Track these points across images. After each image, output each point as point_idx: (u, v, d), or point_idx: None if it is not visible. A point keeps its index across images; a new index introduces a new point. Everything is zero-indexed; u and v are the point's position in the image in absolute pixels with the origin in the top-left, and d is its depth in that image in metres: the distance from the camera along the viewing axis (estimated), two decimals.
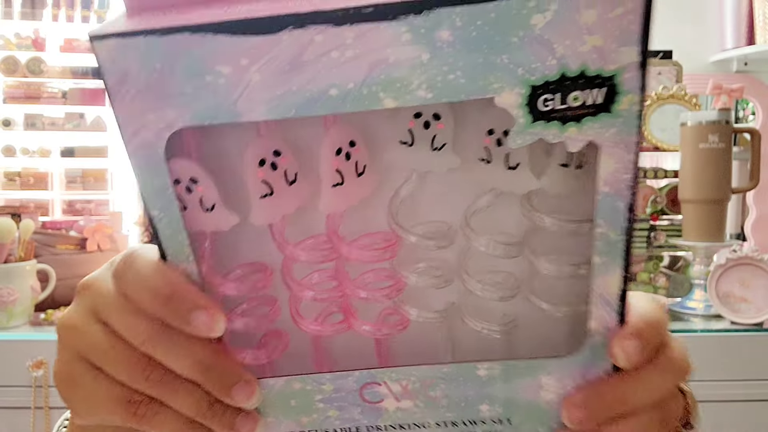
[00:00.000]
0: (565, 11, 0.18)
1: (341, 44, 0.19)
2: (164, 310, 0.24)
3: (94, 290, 0.27)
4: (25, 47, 1.79)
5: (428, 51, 0.19)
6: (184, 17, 0.19)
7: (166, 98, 0.20)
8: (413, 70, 0.19)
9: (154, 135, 0.21)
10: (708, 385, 1.24)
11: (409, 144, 0.23)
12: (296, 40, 0.19)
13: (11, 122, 1.80)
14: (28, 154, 1.81)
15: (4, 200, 1.79)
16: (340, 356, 0.28)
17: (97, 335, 0.25)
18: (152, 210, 0.23)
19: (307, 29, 0.18)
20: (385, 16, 0.18)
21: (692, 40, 1.98)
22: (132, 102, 0.20)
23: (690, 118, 1.34)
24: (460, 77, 0.19)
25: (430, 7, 0.18)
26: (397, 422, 0.27)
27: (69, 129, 1.82)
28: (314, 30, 0.18)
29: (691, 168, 1.34)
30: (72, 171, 1.84)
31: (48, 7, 1.80)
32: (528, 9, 0.18)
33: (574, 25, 0.18)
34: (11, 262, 1.29)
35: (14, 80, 1.78)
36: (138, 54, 0.19)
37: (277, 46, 0.19)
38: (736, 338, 1.25)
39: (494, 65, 0.19)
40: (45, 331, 1.28)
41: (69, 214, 1.83)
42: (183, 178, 0.24)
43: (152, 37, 0.19)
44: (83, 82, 1.83)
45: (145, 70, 0.20)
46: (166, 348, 0.24)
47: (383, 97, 0.19)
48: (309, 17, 0.18)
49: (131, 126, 0.21)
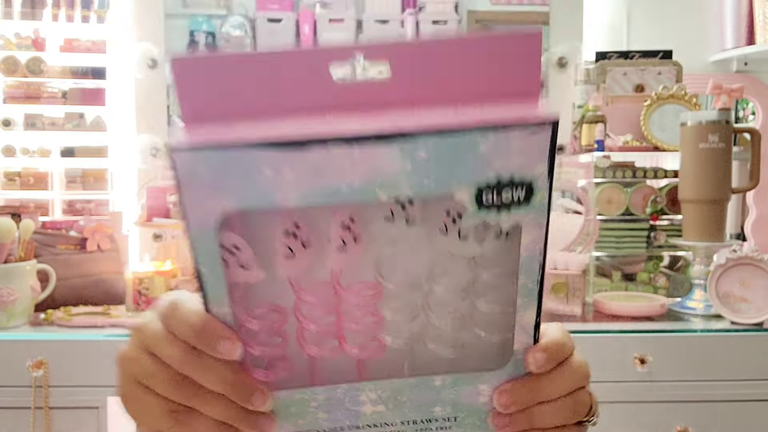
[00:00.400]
0: (500, 141, 0.27)
1: (351, 157, 0.27)
2: (197, 341, 0.33)
3: (144, 330, 0.35)
4: (25, 47, 1.79)
5: (411, 164, 0.28)
6: (236, 131, 0.28)
7: (223, 192, 0.28)
8: (400, 176, 0.28)
9: (211, 217, 0.29)
10: (708, 385, 1.24)
11: (391, 220, 0.33)
12: (320, 153, 0.27)
13: (11, 122, 1.80)
14: (28, 154, 1.81)
15: (4, 200, 1.79)
16: (330, 371, 0.37)
17: (147, 363, 0.34)
18: (201, 266, 0.31)
19: (328, 147, 0.27)
20: (383, 141, 0.27)
21: (692, 40, 1.99)
22: (197, 194, 0.28)
23: (690, 118, 1.34)
24: (432, 181, 0.28)
25: (414, 136, 0.27)
26: (373, 422, 0.37)
27: (69, 129, 1.83)
28: (333, 147, 0.27)
29: (691, 168, 1.34)
30: (72, 171, 1.84)
31: (48, 7, 1.81)
32: (476, 140, 0.27)
33: (507, 149, 0.28)
34: (11, 262, 1.29)
35: (14, 80, 1.78)
36: (206, 161, 0.28)
37: (306, 157, 0.27)
38: (736, 338, 1.25)
39: (454, 174, 0.28)
40: (45, 331, 1.28)
41: (69, 214, 1.84)
42: (227, 245, 0.32)
43: (217, 151, 0.27)
44: (83, 82, 1.83)
45: (210, 173, 0.28)
46: (198, 369, 0.33)
47: (379, 193, 0.28)
48: (330, 140, 0.27)
49: (194, 211, 0.29)
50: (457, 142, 0.27)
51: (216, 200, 0.29)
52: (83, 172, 1.84)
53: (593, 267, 1.50)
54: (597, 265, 1.54)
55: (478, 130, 0.27)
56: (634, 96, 1.65)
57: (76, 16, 1.82)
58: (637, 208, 1.51)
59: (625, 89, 1.67)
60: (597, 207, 1.48)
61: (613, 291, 1.49)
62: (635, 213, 1.51)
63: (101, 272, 1.46)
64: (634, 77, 1.67)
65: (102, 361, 1.22)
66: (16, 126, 1.80)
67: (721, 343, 1.24)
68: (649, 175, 1.52)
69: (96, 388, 1.22)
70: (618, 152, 1.53)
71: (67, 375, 1.22)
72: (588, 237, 1.45)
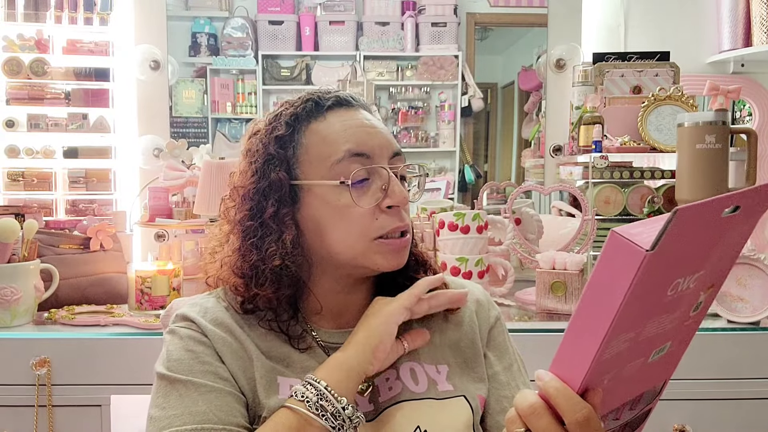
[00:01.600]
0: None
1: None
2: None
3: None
4: (28, 49, 1.81)
5: None
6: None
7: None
8: None
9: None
10: (705, 384, 1.26)
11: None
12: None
13: (15, 123, 1.81)
14: (31, 154, 1.83)
15: (8, 200, 1.81)
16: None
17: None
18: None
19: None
20: None
21: (689, 42, 2.00)
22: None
23: (687, 119, 1.35)
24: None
25: None
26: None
27: (72, 130, 1.84)
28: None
29: (688, 168, 1.35)
30: (75, 171, 1.85)
31: (51, 9, 1.82)
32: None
33: None
34: (15, 262, 1.30)
35: (18, 81, 1.80)
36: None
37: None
38: (733, 337, 1.26)
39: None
40: (48, 330, 1.29)
41: (72, 214, 1.85)
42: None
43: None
44: (86, 83, 1.84)
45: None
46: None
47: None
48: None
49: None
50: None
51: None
52: (86, 173, 1.86)
53: (591, 266, 1.52)
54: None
55: None
56: (632, 97, 1.66)
57: (79, 18, 1.84)
58: (635, 208, 1.52)
59: (623, 90, 1.69)
60: (595, 207, 1.49)
61: None
62: (633, 213, 1.52)
63: (104, 272, 1.48)
64: (632, 79, 1.68)
65: (105, 359, 1.23)
66: (19, 127, 1.82)
67: (718, 342, 1.25)
68: (647, 176, 1.54)
69: (99, 387, 1.23)
70: (615, 153, 1.54)
71: (70, 373, 1.23)
72: (586, 237, 1.47)
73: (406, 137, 2.09)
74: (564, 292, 1.35)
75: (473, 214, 1.39)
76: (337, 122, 0.72)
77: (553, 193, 1.81)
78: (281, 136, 0.72)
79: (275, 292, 0.70)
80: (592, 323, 0.45)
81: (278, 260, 0.69)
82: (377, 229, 0.70)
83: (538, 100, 2.06)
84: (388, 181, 0.70)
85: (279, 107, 0.76)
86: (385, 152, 0.72)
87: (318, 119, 0.73)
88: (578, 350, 0.47)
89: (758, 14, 1.88)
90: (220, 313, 0.72)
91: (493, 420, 0.76)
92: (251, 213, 0.72)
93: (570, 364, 0.48)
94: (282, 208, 0.71)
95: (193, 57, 2.00)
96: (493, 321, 0.81)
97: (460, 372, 0.76)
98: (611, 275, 0.43)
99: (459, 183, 2.07)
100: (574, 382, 0.48)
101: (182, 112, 2.00)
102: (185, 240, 1.62)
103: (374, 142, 0.71)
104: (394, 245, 0.71)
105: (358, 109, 0.75)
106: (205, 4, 2.00)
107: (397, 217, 0.71)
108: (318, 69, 2.04)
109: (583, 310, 0.46)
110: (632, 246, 0.41)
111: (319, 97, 0.74)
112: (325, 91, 0.75)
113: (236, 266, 0.72)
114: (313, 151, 0.71)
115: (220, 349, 0.69)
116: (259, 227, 0.71)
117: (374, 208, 0.70)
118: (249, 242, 0.71)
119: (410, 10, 2.03)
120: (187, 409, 0.64)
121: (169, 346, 0.70)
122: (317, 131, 0.72)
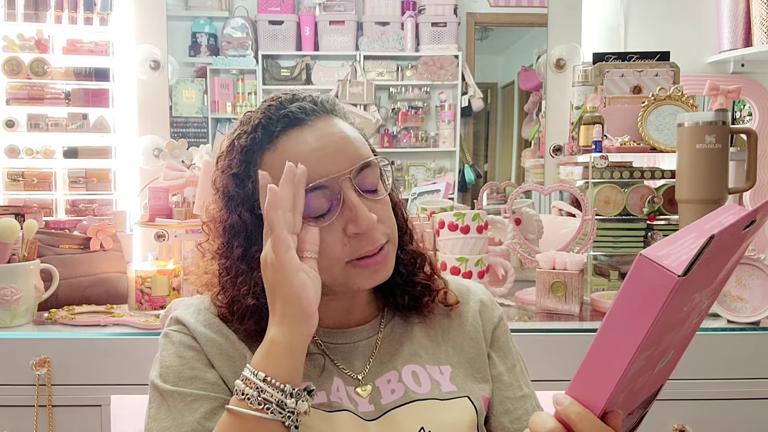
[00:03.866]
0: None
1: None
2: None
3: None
4: (28, 49, 1.80)
5: None
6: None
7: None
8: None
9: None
10: (705, 384, 1.26)
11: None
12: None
13: (15, 123, 1.81)
14: (31, 154, 1.83)
15: (8, 200, 1.81)
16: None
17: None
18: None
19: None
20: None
21: (689, 42, 2.00)
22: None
23: (687, 119, 1.35)
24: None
25: None
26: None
27: (72, 130, 1.84)
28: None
29: (688, 168, 1.35)
30: (75, 171, 1.85)
31: (51, 9, 1.82)
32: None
33: None
34: (15, 262, 1.30)
35: (18, 81, 1.80)
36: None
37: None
38: (733, 337, 1.26)
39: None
40: (48, 330, 1.29)
41: (72, 214, 1.85)
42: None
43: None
44: (86, 83, 1.84)
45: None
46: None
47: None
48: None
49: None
50: None
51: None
52: (86, 173, 1.86)
53: (591, 266, 1.52)
54: (595, 264, 1.55)
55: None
56: (632, 97, 1.66)
57: (79, 18, 1.83)
58: (635, 208, 1.52)
59: (623, 90, 1.69)
60: (595, 207, 1.49)
61: (611, 290, 1.50)
62: (633, 213, 1.52)
63: (104, 271, 1.48)
64: (632, 79, 1.68)
65: (105, 359, 1.23)
66: (19, 127, 1.82)
67: (717, 342, 1.25)
68: (647, 176, 1.54)
69: (99, 387, 1.23)
70: (615, 153, 1.54)
71: (70, 373, 1.23)
72: (586, 237, 1.46)
73: (406, 137, 2.09)
74: (564, 292, 1.35)
75: (473, 214, 1.39)
76: (288, 151, 0.66)
77: (554, 193, 1.81)
78: (237, 174, 0.69)
79: (257, 323, 0.68)
80: (617, 347, 0.45)
81: (252, 299, 0.68)
82: (349, 254, 0.67)
83: (538, 100, 2.06)
84: (350, 206, 0.65)
85: (237, 128, 0.71)
86: (345, 168, 0.66)
87: (270, 149, 0.67)
88: (601, 374, 0.46)
89: (758, 14, 1.88)
90: (212, 314, 0.72)
91: (496, 421, 0.76)
92: (222, 250, 0.71)
93: (591, 387, 0.48)
94: (251, 247, 0.68)
95: (193, 57, 2.00)
96: (497, 321, 0.81)
97: (463, 372, 0.76)
98: (641, 299, 0.42)
99: (459, 183, 2.07)
100: (595, 405, 0.48)
101: (182, 112, 2.00)
102: (185, 240, 1.62)
103: (330, 166, 0.65)
104: (371, 264, 0.67)
105: (315, 123, 0.68)
106: (205, 4, 2.00)
107: (366, 240, 0.66)
108: (318, 69, 2.04)
109: (608, 333, 0.46)
110: (663, 271, 0.41)
111: (269, 119, 0.68)
112: (278, 106, 0.69)
113: (218, 298, 0.72)
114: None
115: (209, 351, 0.69)
116: (232, 266, 0.70)
117: (341, 235, 0.66)
118: (224, 278, 0.70)
119: (410, 10, 2.03)
120: (174, 422, 0.65)
121: (163, 352, 0.71)
122: (270, 164, 0.67)
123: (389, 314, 0.78)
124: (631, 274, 0.43)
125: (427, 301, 0.77)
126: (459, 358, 0.76)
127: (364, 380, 0.72)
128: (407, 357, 0.75)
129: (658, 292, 0.41)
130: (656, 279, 0.41)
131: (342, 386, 0.71)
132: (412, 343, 0.76)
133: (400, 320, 0.78)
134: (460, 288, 0.82)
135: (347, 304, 0.75)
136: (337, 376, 0.71)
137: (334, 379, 0.71)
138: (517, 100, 2.11)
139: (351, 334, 0.75)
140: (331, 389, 0.70)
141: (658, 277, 0.41)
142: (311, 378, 0.70)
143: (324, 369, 0.71)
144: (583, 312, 1.38)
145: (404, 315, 0.78)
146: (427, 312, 0.77)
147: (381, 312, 0.78)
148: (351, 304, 0.75)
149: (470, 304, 0.81)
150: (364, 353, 0.74)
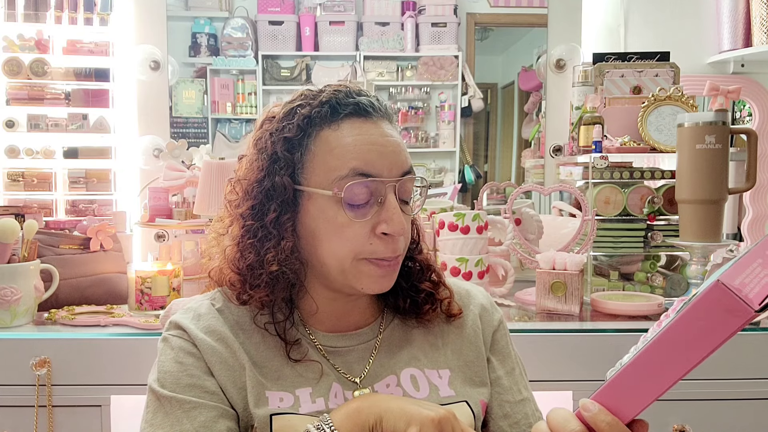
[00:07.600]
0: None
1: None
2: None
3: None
4: (28, 49, 1.81)
5: None
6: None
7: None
8: None
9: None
10: (705, 384, 1.26)
11: None
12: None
13: (15, 123, 1.81)
14: (31, 154, 1.83)
15: (8, 200, 1.81)
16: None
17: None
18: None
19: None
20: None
21: (689, 42, 2.00)
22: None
23: (687, 119, 1.35)
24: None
25: None
26: None
27: (72, 130, 1.84)
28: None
29: (688, 169, 1.35)
30: (75, 171, 1.85)
31: (51, 9, 1.82)
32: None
33: None
34: (15, 262, 1.30)
35: (18, 82, 1.80)
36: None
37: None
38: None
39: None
40: (48, 330, 1.28)
41: (72, 214, 1.85)
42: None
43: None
44: (86, 83, 1.84)
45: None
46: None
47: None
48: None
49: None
50: None
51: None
52: (86, 173, 1.86)
53: (591, 266, 1.52)
54: (595, 264, 1.55)
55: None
56: (632, 97, 1.66)
57: (79, 19, 1.84)
58: (635, 209, 1.52)
59: (623, 91, 1.69)
60: (595, 207, 1.49)
61: (611, 290, 1.50)
62: (633, 213, 1.52)
63: (104, 272, 1.48)
64: (632, 79, 1.68)
65: (105, 359, 1.23)
66: (19, 127, 1.82)
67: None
68: (647, 176, 1.54)
69: (99, 387, 1.23)
70: (615, 153, 1.54)
71: (71, 374, 1.23)
72: (586, 237, 1.47)
73: (406, 137, 2.09)
74: (564, 292, 1.35)
75: (473, 214, 1.39)
76: (349, 135, 0.68)
77: (554, 193, 1.81)
78: (290, 138, 0.69)
79: (269, 294, 0.70)
80: (669, 363, 0.45)
81: (275, 266, 0.69)
82: (368, 253, 0.68)
83: (538, 101, 2.06)
84: (388, 207, 0.68)
85: (297, 99, 0.72)
86: (394, 172, 0.69)
87: (331, 127, 0.69)
88: (643, 386, 0.47)
89: (758, 14, 1.88)
90: (213, 319, 0.72)
91: (495, 425, 0.76)
92: (253, 212, 0.71)
93: (626, 397, 0.48)
94: (284, 214, 0.69)
95: (193, 57, 2.00)
96: (497, 324, 0.81)
97: (462, 376, 0.76)
98: (708, 324, 0.43)
99: (459, 183, 2.08)
100: (624, 415, 0.48)
101: (182, 112, 2.00)
102: (185, 240, 1.62)
103: (383, 163, 0.68)
104: (382, 268, 0.69)
105: (377, 121, 0.71)
106: (205, 5, 2.00)
107: (390, 246, 0.69)
108: (318, 69, 2.04)
109: (662, 348, 0.46)
110: (740, 303, 0.41)
111: (337, 102, 0.70)
112: (347, 94, 0.71)
113: (234, 261, 0.72)
114: (319, 159, 0.69)
115: (209, 359, 0.69)
116: (260, 229, 0.70)
117: (369, 231, 0.68)
118: (248, 241, 0.70)
119: (410, 10, 2.03)
120: (172, 428, 0.65)
121: (161, 357, 0.70)
122: (327, 140, 0.69)
123: (389, 317, 0.78)
124: (704, 298, 0.43)
125: (428, 309, 0.77)
126: (458, 362, 0.76)
127: (362, 384, 0.72)
128: (406, 360, 0.74)
129: (730, 321, 0.42)
130: (731, 308, 0.42)
131: (340, 392, 0.71)
132: (411, 346, 0.76)
133: (399, 323, 0.78)
134: (460, 291, 0.82)
135: (347, 306, 0.75)
136: (335, 381, 0.71)
137: (333, 384, 0.71)
138: (517, 101, 2.11)
139: (350, 337, 0.75)
140: (329, 396, 0.70)
141: (733, 307, 0.42)
142: (310, 384, 0.70)
143: (322, 374, 0.71)
144: (583, 312, 1.38)
145: (404, 318, 0.78)
146: (427, 320, 0.78)
147: (380, 314, 0.78)
148: (351, 307, 0.75)
149: (470, 308, 0.81)
150: (362, 356, 0.74)
